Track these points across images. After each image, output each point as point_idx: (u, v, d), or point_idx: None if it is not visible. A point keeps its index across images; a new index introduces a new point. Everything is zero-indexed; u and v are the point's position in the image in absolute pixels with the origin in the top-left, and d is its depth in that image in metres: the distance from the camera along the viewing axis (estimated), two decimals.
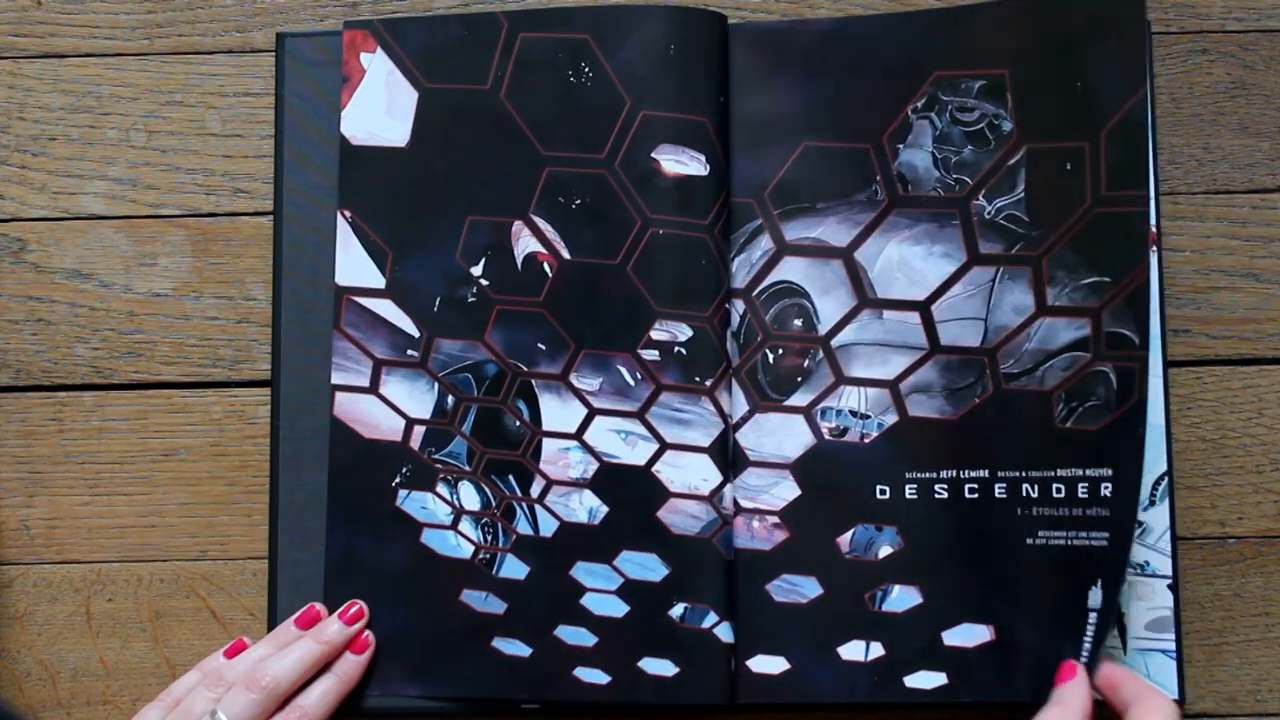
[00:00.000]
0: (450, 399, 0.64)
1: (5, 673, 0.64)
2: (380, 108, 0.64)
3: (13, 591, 0.64)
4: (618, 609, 0.62)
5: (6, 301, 0.66)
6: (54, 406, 0.65)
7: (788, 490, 0.63)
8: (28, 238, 0.66)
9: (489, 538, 0.63)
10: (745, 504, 0.63)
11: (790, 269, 0.63)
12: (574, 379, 0.63)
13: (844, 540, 0.62)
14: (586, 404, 0.63)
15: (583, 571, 0.63)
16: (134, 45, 0.67)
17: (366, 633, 0.62)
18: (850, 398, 0.63)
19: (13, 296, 0.66)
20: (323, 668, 0.61)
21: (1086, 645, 0.58)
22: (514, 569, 0.63)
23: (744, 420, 0.63)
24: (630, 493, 0.63)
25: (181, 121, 0.67)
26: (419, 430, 0.64)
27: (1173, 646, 0.62)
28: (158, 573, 0.64)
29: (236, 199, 0.66)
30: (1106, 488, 0.59)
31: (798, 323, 0.63)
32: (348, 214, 0.64)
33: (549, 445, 0.63)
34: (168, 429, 0.65)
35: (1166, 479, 0.63)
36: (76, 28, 0.67)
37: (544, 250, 0.63)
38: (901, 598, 0.62)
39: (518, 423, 0.63)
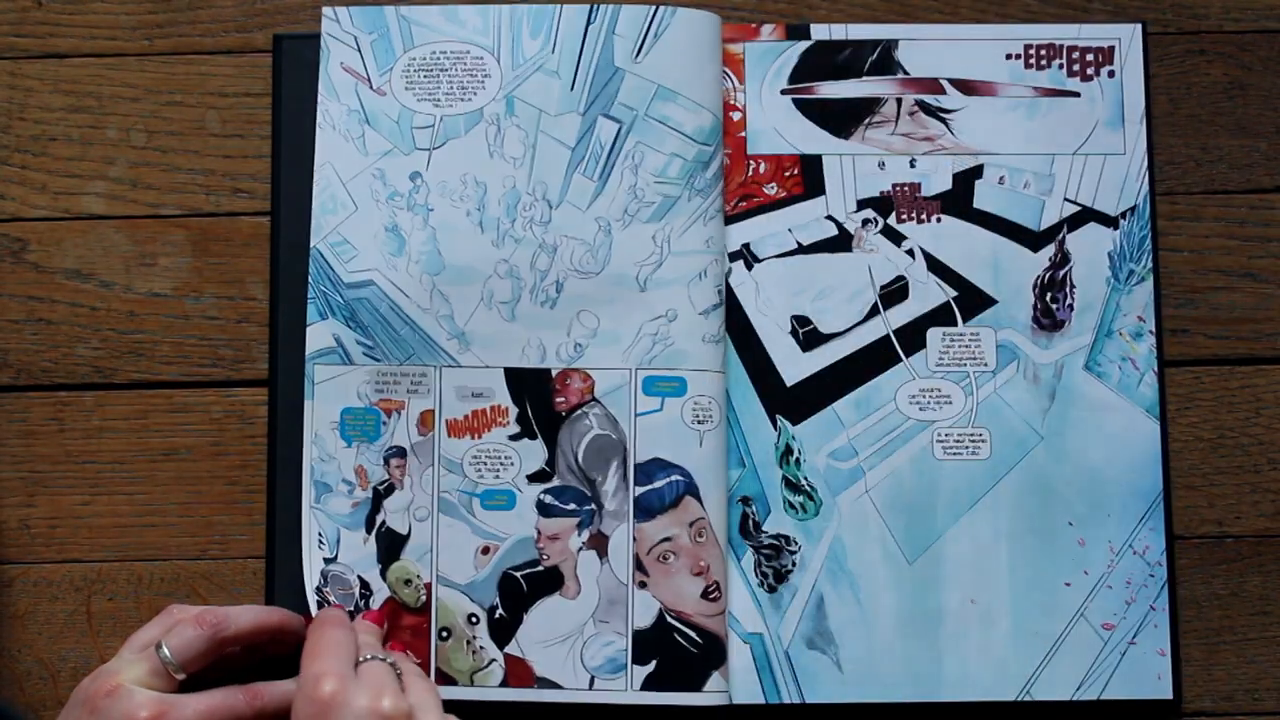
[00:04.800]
0: None
1: (5, 672, 0.64)
2: None
3: (13, 591, 0.64)
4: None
5: (7, 301, 0.66)
6: (54, 406, 0.65)
7: None
8: (28, 238, 0.66)
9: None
10: None
11: None
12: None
13: None
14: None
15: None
16: (134, 45, 0.67)
17: None
18: None
19: (13, 296, 0.66)
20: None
21: None
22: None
23: None
24: None
25: (181, 121, 0.67)
26: None
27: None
28: (158, 572, 0.65)
29: (236, 199, 0.66)
30: None
31: None
32: None
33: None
34: (168, 428, 0.65)
35: None
36: (77, 28, 0.67)
37: None
38: None
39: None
